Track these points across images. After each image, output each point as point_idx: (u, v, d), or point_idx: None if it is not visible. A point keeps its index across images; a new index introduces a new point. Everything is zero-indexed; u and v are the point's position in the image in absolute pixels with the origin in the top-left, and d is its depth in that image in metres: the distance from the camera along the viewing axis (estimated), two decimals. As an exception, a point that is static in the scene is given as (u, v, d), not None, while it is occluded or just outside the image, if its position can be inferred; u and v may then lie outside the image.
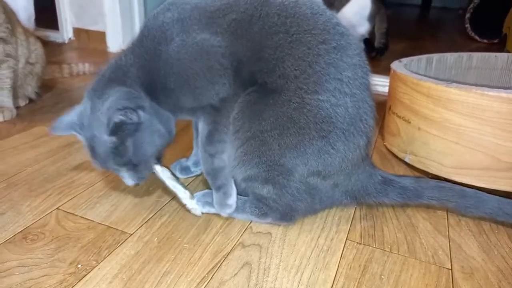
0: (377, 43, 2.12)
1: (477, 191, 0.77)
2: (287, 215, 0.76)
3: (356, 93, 0.70)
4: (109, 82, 0.73)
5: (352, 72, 0.70)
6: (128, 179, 0.75)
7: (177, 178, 0.78)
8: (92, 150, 0.73)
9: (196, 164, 0.96)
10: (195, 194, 0.79)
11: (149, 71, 0.73)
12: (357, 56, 0.72)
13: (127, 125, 0.69)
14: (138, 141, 0.71)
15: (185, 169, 0.96)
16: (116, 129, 0.68)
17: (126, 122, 0.68)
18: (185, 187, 0.78)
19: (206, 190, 0.81)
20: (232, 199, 0.77)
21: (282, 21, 0.71)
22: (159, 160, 0.77)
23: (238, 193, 0.78)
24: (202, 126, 0.78)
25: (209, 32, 0.72)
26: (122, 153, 0.71)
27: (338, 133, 0.70)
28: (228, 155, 0.76)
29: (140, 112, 0.70)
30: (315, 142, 0.70)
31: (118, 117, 0.67)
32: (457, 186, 0.78)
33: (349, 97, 0.70)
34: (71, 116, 0.76)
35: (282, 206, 0.75)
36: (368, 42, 2.03)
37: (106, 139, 0.70)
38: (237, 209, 0.78)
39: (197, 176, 0.95)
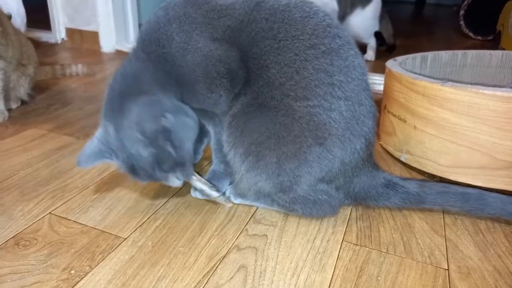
0: (387, 42, 2.21)
1: (481, 191, 0.75)
2: (312, 212, 0.75)
3: (351, 95, 0.69)
4: (123, 96, 0.71)
5: (344, 75, 0.69)
6: (175, 180, 0.74)
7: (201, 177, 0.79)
8: (133, 168, 0.71)
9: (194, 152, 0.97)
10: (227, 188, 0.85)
11: (162, 73, 0.72)
12: (351, 57, 0.71)
13: (160, 132, 0.68)
14: (176, 141, 0.69)
15: None
16: (153, 140, 0.67)
17: (159, 130, 0.67)
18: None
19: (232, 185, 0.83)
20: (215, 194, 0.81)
21: (269, 26, 0.69)
22: (196, 152, 0.77)
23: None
24: (211, 133, 0.82)
25: (208, 36, 0.71)
26: (166, 159, 0.69)
27: (333, 139, 0.69)
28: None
29: (168, 115, 0.69)
30: (313, 149, 0.69)
31: (152, 128, 0.65)
32: (460, 189, 0.76)
33: (343, 101, 0.68)
34: (94, 145, 0.73)
35: (303, 208, 0.75)
36: (380, 36, 2.11)
37: (145, 153, 0.68)
38: (272, 202, 0.79)
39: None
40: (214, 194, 0.78)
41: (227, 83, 0.72)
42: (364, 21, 2.01)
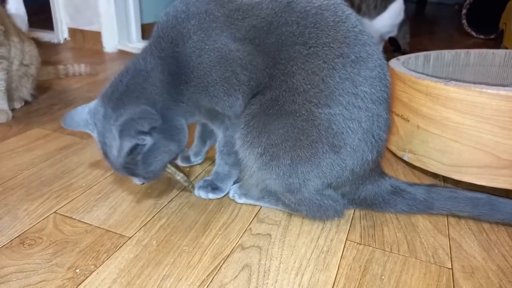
0: (402, 49, 2.17)
1: (490, 196, 0.75)
2: (316, 215, 0.75)
3: (372, 107, 0.68)
4: (126, 91, 0.71)
5: (369, 86, 0.67)
6: (137, 181, 0.77)
7: (178, 168, 0.81)
8: (105, 154, 0.73)
9: (196, 154, 0.98)
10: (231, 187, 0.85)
11: (170, 75, 0.71)
12: (378, 67, 0.69)
13: (138, 146, 0.69)
14: (147, 158, 0.71)
15: (186, 159, 0.99)
16: (129, 152, 0.68)
17: (138, 144, 0.69)
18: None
19: (240, 183, 0.83)
20: (217, 195, 0.84)
21: (300, 31, 0.66)
22: (171, 163, 0.78)
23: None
24: (219, 135, 0.81)
25: (228, 35, 0.68)
26: (132, 168, 0.72)
27: (348, 149, 0.68)
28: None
29: (146, 138, 0.70)
30: (328, 155, 0.68)
31: (132, 142, 0.67)
32: (469, 194, 0.76)
33: (364, 112, 0.67)
34: (84, 113, 0.75)
35: (307, 211, 0.75)
36: (395, 42, 2.09)
37: (116, 154, 0.70)
38: (277, 202, 0.79)
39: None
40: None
41: (247, 89, 0.71)
42: (377, 30, 1.93)
